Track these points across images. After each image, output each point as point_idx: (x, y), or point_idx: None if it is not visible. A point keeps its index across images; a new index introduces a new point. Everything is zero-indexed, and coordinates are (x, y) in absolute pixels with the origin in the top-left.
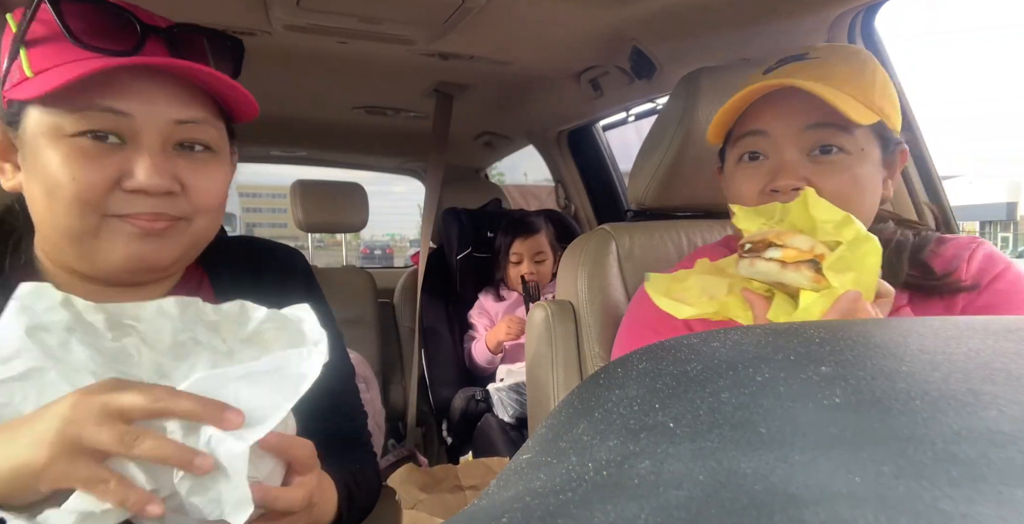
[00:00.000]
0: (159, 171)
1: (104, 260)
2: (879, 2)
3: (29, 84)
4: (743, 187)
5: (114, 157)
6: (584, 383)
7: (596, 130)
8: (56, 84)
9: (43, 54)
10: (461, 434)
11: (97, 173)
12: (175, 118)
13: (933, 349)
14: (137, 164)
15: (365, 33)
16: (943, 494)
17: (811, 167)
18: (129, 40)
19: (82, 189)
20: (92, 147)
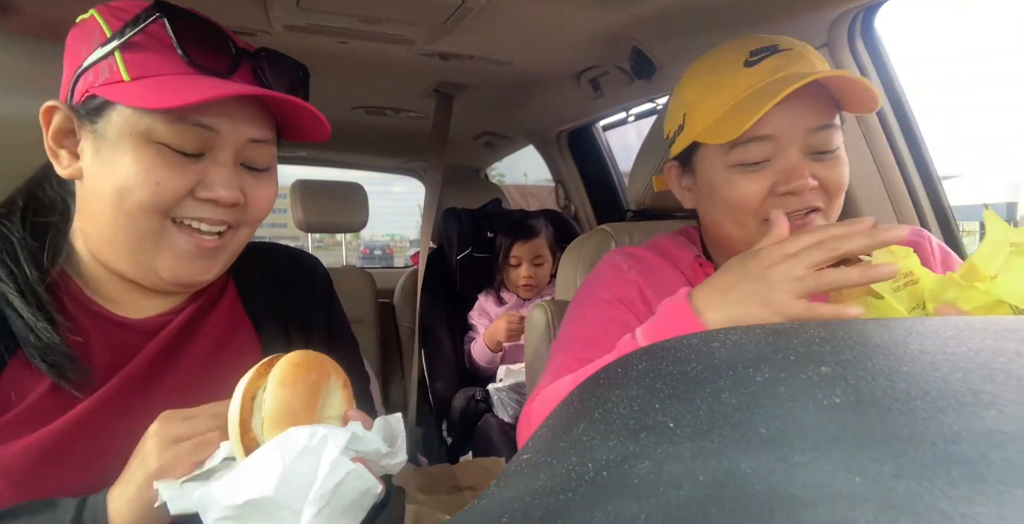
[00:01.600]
0: (232, 184)
1: (154, 269)
2: (879, 2)
3: (127, 88)
4: (746, 190)
5: (194, 167)
6: (584, 383)
7: (596, 130)
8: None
9: (142, 60)
10: (461, 434)
11: (178, 181)
12: (251, 137)
13: (933, 349)
14: (214, 176)
15: (365, 33)
16: (943, 494)
17: (814, 163)
18: (228, 61)
19: (161, 194)
20: (175, 156)
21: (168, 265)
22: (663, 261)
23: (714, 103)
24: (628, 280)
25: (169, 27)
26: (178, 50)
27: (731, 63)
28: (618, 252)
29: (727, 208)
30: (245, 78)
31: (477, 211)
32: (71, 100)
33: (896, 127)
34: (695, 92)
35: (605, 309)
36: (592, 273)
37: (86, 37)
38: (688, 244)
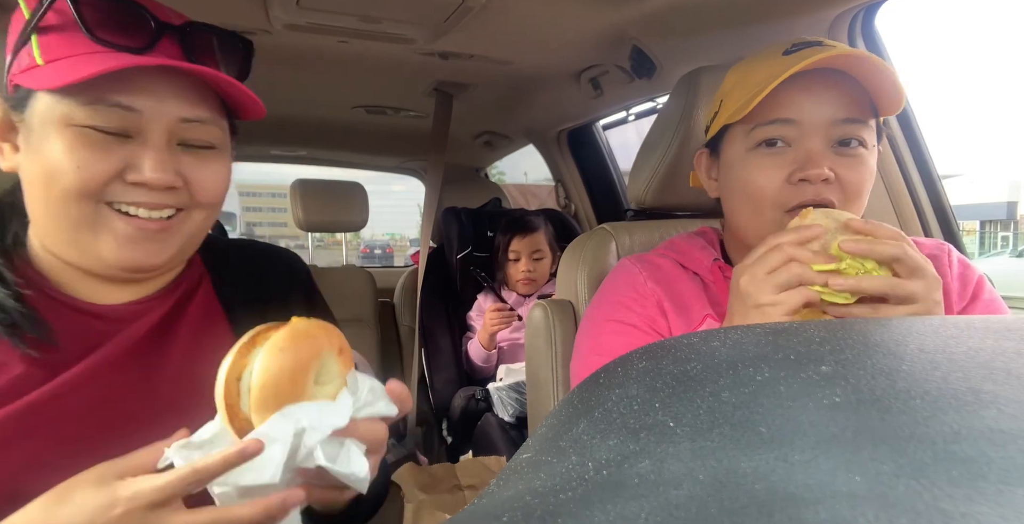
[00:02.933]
0: (163, 166)
1: (97, 256)
2: (879, 2)
3: (40, 72)
4: (763, 176)
5: (120, 150)
6: (584, 382)
7: (596, 129)
8: (71, 79)
9: (55, 42)
10: (461, 433)
11: (102, 164)
12: (182, 116)
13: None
14: (143, 158)
15: (365, 32)
16: (943, 493)
17: (834, 159)
18: (143, 36)
19: (85, 177)
20: (98, 138)
21: (110, 249)
22: (679, 269)
23: (745, 86)
24: (646, 294)
25: (71, 5)
26: (81, 27)
27: (771, 53)
28: (633, 261)
29: (744, 194)
30: (169, 53)
31: (477, 210)
32: (5, 92)
33: (896, 126)
34: (733, 79)
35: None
36: (608, 284)
37: (16, 25)
38: (707, 247)
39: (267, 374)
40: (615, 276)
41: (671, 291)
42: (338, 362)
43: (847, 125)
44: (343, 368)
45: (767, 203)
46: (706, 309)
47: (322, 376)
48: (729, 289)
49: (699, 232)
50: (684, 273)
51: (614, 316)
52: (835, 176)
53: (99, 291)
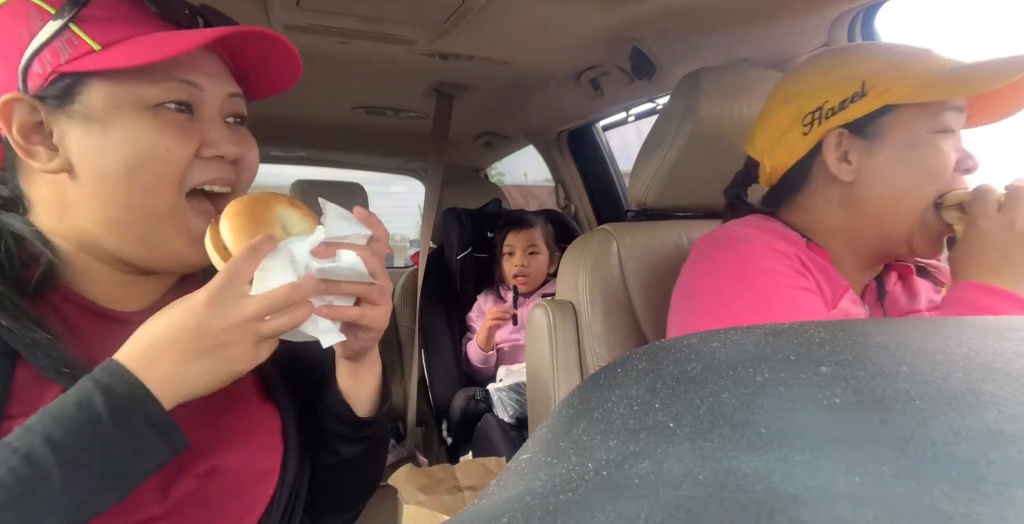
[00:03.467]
0: (232, 139)
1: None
2: (879, 2)
3: (104, 56)
4: (942, 159)
5: (193, 127)
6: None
7: (596, 130)
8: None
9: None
10: (461, 434)
11: (187, 143)
12: (229, 91)
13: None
14: (214, 133)
15: (365, 33)
16: (943, 494)
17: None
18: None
19: (174, 160)
20: (175, 118)
21: (184, 246)
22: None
23: (923, 67)
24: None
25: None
26: (150, 6)
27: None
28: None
29: (921, 176)
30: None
31: (477, 211)
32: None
33: None
34: (880, 61)
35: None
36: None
37: (18, 20)
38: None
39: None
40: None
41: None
42: (295, 212)
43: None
44: (306, 217)
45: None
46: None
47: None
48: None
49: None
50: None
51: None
52: None
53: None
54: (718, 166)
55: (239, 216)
